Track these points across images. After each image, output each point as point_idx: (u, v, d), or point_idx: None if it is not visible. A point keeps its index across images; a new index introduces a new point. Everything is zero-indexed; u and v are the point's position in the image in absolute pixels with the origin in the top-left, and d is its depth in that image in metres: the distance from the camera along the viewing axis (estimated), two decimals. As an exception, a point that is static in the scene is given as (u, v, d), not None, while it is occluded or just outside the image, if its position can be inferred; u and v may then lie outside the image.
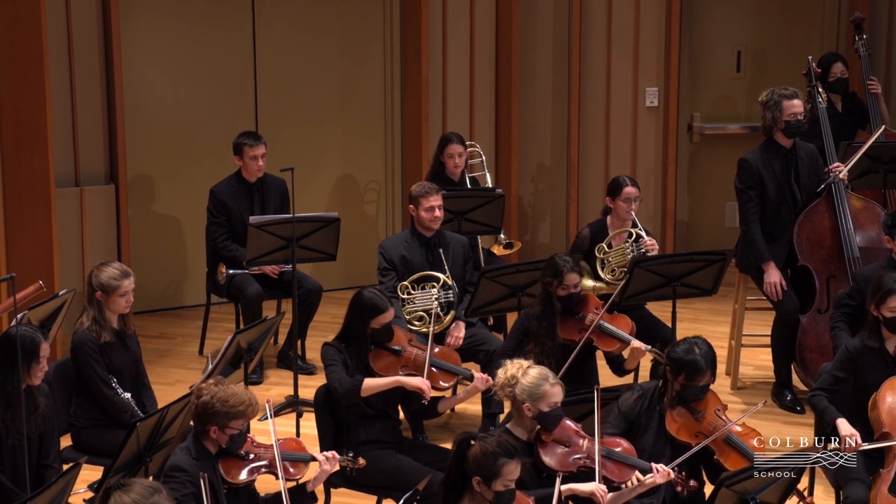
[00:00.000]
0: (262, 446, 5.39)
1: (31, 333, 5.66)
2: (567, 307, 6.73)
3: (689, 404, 5.76)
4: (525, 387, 5.47)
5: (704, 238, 10.57)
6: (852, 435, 5.95)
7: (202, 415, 5.23)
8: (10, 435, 5.57)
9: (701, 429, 5.72)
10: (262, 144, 8.46)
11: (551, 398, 5.46)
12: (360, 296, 6.24)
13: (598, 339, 6.69)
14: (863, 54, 9.20)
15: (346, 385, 6.10)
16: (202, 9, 9.50)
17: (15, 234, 7.95)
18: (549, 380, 5.49)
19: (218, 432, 5.23)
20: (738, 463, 5.66)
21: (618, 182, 7.74)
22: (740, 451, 5.71)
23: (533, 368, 5.54)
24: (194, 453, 5.24)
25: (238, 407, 5.21)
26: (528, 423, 5.51)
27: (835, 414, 6.09)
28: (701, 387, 5.74)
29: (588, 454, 5.45)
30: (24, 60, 7.88)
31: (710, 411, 5.78)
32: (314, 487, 5.47)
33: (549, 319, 6.70)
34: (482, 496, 4.92)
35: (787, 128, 7.73)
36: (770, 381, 8.05)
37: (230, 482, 5.29)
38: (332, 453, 5.52)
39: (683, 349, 5.74)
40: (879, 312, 6.18)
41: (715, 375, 5.80)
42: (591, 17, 10.20)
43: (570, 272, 6.69)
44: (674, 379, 5.76)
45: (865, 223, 7.87)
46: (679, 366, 5.73)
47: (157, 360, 8.54)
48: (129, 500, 4.33)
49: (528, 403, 5.46)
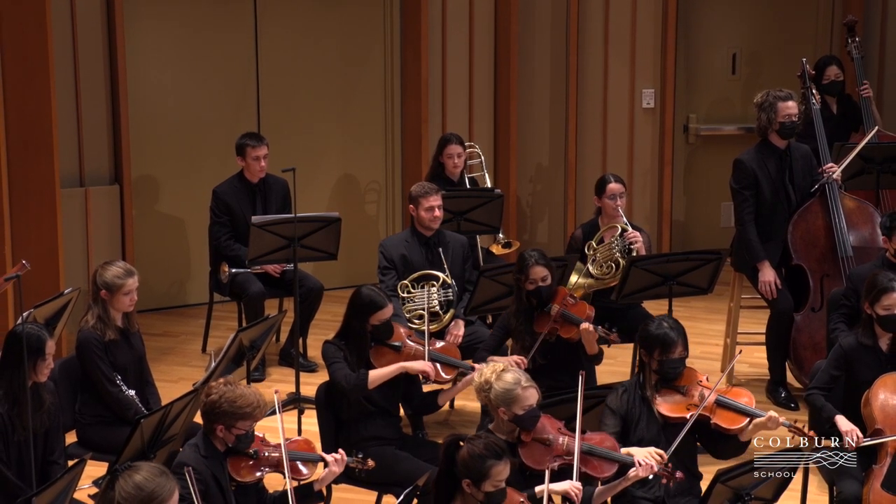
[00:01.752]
0: (271, 445, 5.39)
1: (37, 331, 5.65)
2: (539, 301, 6.73)
3: (671, 383, 5.76)
4: (498, 392, 5.44)
5: (700, 237, 10.57)
6: (853, 430, 5.95)
7: (209, 413, 5.23)
8: (17, 431, 5.57)
9: (690, 402, 5.73)
10: (264, 145, 8.46)
11: (524, 401, 5.41)
12: (359, 293, 6.24)
13: (562, 327, 6.69)
14: (855, 57, 9.21)
15: (353, 381, 6.09)
16: (205, 12, 9.50)
17: (21, 234, 7.95)
18: (522, 383, 5.42)
19: (224, 431, 5.23)
20: (735, 420, 5.68)
21: (602, 180, 7.77)
22: (734, 409, 5.72)
23: (507, 373, 5.48)
24: (203, 451, 5.24)
25: (245, 408, 5.20)
26: (506, 426, 5.50)
27: (833, 410, 6.08)
28: (677, 360, 5.73)
29: (568, 451, 5.44)
30: (30, 64, 7.88)
31: (693, 384, 5.78)
32: (320, 487, 5.47)
33: (524, 315, 6.72)
34: (473, 497, 4.91)
35: (781, 129, 7.73)
36: (764, 378, 8.05)
37: (238, 480, 5.29)
38: (340, 455, 5.51)
39: (653, 326, 5.78)
40: (874, 311, 6.18)
41: (687, 349, 5.79)
42: (589, 20, 10.20)
43: (535, 266, 6.68)
44: (650, 358, 5.77)
45: (858, 223, 7.87)
46: (651, 342, 5.75)
47: (161, 358, 8.54)
48: (140, 477, 4.37)
49: (502, 408, 5.45)
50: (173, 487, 4.40)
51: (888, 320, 6.15)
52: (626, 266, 7.17)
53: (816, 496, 6.38)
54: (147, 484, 4.35)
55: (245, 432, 5.24)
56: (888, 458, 5.80)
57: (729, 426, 5.70)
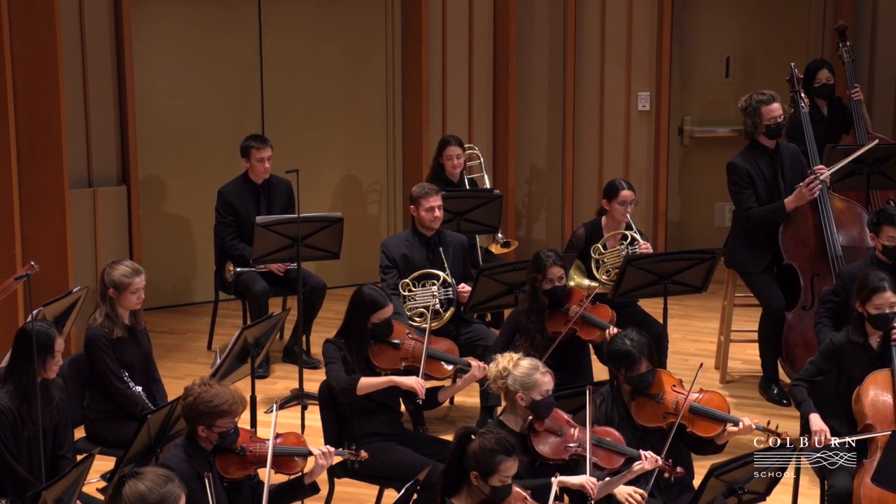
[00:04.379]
0: (259, 441, 5.38)
1: (46, 328, 5.66)
2: (553, 301, 6.73)
3: (645, 392, 5.76)
4: (517, 377, 5.49)
5: (695, 237, 10.56)
6: (823, 431, 5.96)
7: (189, 415, 5.22)
8: (27, 426, 5.57)
9: (665, 410, 5.73)
10: (268, 147, 8.46)
11: (542, 386, 5.48)
12: (360, 292, 6.25)
13: (581, 328, 6.70)
14: (846, 61, 9.22)
15: (343, 383, 6.09)
16: (211, 17, 9.50)
17: (31, 234, 7.96)
18: (540, 369, 5.52)
19: (206, 431, 5.20)
20: (709, 428, 5.71)
21: (614, 185, 7.73)
22: (708, 416, 5.73)
23: (524, 360, 5.57)
24: (188, 451, 5.22)
25: (221, 406, 5.17)
26: (522, 413, 5.52)
27: (810, 408, 6.10)
28: (643, 374, 5.73)
29: (579, 443, 5.46)
30: (39, 68, 7.88)
31: (668, 390, 5.78)
32: (310, 481, 5.44)
33: (537, 314, 6.72)
34: (479, 490, 4.93)
35: (768, 131, 7.75)
36: (757, 374, 8.05)
37: (226, 477, 5.28)
38: (327, 448, 5.50)
39: (616, 344, 5.78)
40: (864, 309, 6.19)
41: (654, 360, 5.79)
42: (586, 24, 10.20)
43: (553, 266, 6.70)
44: (617, 373, 5.78)
45: (848, 223, 7.87)
46: (615, 360, 5.76)
47: (168, 355, 8.54)
48: (144, 487, 4.32)
49: (520, 393, 5.48)
50: (179, 493, 4.35)
51: (879, 319, 6.16)
52: (622, 265, 7.17)
53: (808, 490, 6.38)
54: (152, 494, 4.30)
55: (227, 430, 5.21)
56: (878, 452, 5.81)
57: (705, 434, 5.73)
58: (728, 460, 5.22)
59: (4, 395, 5.56)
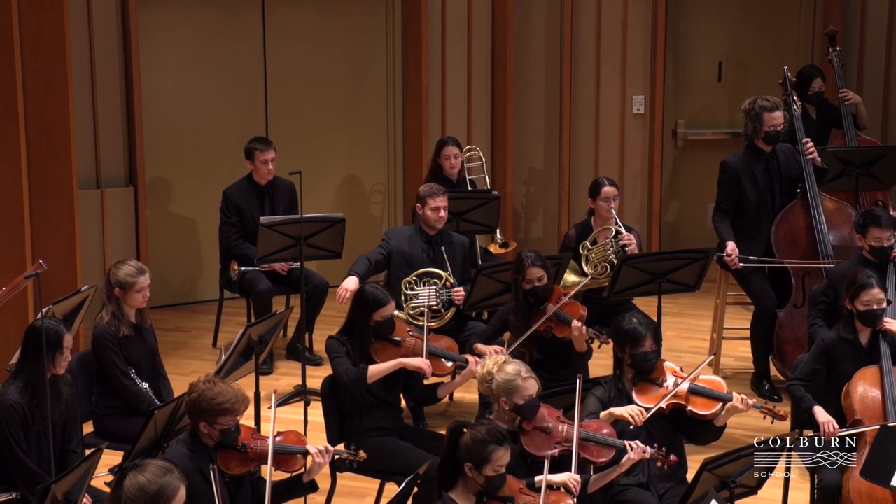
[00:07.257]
0: (260, 438, 5.37)
1: (55, 325, 5.66)
2: (536, 300, 6.74)
3: (647, 376, 5.76)
4: (500, 383, 5.48)
5: (688, 237, 10.56)
6: (829, 421, 5.96)
7: (191, 412, 5.21)
8: (36, 422, 5.57)
9: (666, 391, 5.74)
10: (272, 149, 8.46)
11: (524, 392, 5.44)
12: (363, 291, 6.26)
13: (556, 326, 6.70)
14: (836, 65, 9.26)
15: (353, 374, 6.10)
16: (216, 23, 9.50)
17: (40, 234, 7.95)
18: (522, 374, 5.47)
19: (208, 427, 5.20)
20: (709, 405, 5.71)
21: (597, 183, 7.75)
22: (707, 395, 5.74)
23: (508, 364, 5.53)
24: (190, 446, 5.22)
25: (224, 405, 5.16)
26: (507, 415, 5.51)
27: (811, 402, 6.10)
28: (648, 353, 5.75)
29: (567, 438, 5.45)
30: (48, 71, 7.87)
31: (668, 376, 5.80)
32: (308, 479, 5.43)
33: (521, 312, 6.74)
34: (474, 481, 4.93)
35: (766, 137, 7.76)
36: (749, 371, 8.05)
37: (227, 473, 5.28)
38: (324, 446, 5.49)
39: (623, 322, 5.80)
40: (853, 306, 6.19)
41: (659, 342, 5.82)
42: (582, 29, 10.20)
43: (532, 266, 6.71)
44: (622, 353, 5.78)
45: (838, 223, 7.87)
46: (621, 337, 5.78)
47: (174, 352, 8.54)
48: (144, 479, 4.33)
49: (503, 398, 5.47)
50: (178, 485, 4.35)
51: (867, 315, 6.16)
52: (617, 264, 7.16)
53: (798, 483, 6.38)
54: (150, 485, 4.31)
55: (228, 427, 5.20)
56: (867, 447, 5.80)
57: (703, 411, 5.72)
58: (721, 455, 5.21)
59: (15, 391, 5.56)
